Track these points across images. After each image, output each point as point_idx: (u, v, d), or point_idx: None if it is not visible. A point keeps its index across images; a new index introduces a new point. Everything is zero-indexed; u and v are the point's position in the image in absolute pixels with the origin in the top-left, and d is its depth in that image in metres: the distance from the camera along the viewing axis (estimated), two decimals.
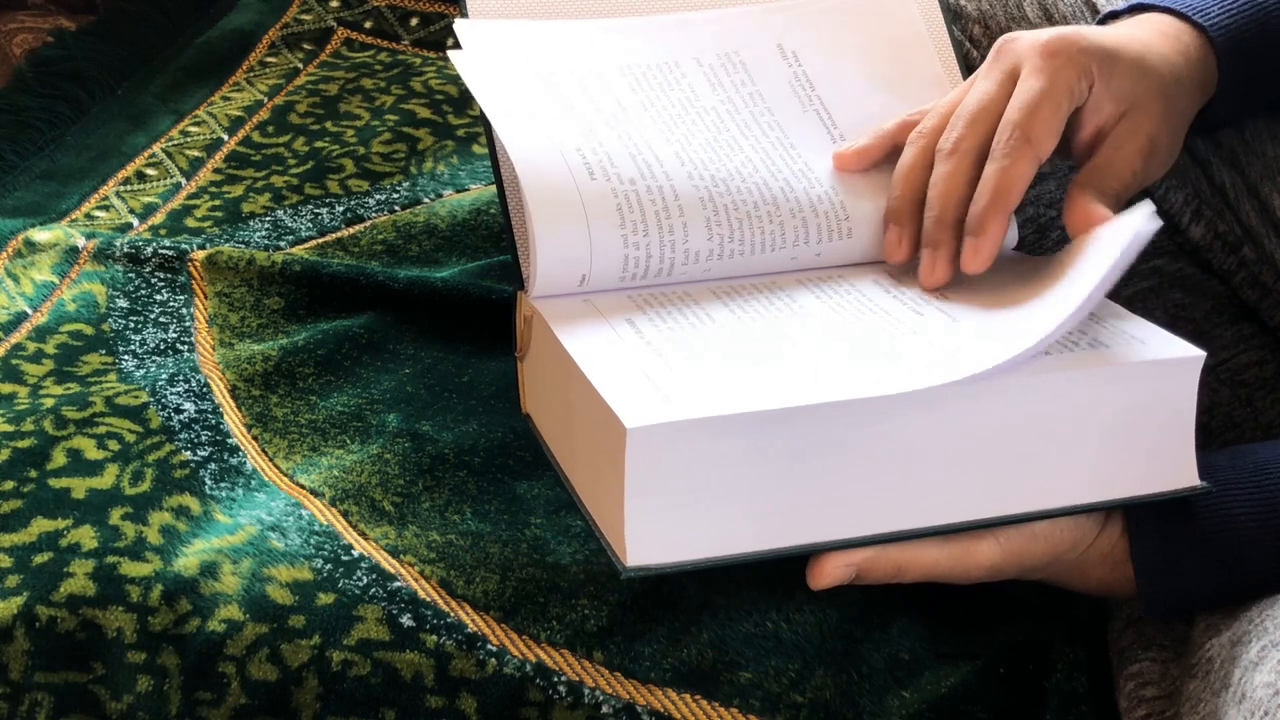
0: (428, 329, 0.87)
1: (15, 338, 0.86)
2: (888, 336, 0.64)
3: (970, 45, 0.84)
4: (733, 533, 0.60)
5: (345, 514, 0.73)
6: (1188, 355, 0.63)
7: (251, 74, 1.19)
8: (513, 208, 0.71)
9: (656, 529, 0.59)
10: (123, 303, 0.89)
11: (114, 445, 0.77)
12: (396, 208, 1.00)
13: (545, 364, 0.69)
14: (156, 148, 1.08)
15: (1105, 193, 0.67)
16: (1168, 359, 0.63)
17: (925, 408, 0.60)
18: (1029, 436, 0.62)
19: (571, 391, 0.64)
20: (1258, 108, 0.75)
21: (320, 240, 0.96)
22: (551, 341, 0.66)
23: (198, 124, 1.11)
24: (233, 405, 0.81)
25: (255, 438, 0.79)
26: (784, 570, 0.65)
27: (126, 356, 0.85)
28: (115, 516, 0.72)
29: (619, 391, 0.59)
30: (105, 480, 0.74)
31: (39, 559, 0.70)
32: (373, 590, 0.69)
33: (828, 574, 0.61)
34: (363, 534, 0.72)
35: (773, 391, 0.59)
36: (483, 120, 0.72)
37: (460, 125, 1.11)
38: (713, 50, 0.77)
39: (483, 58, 0.73)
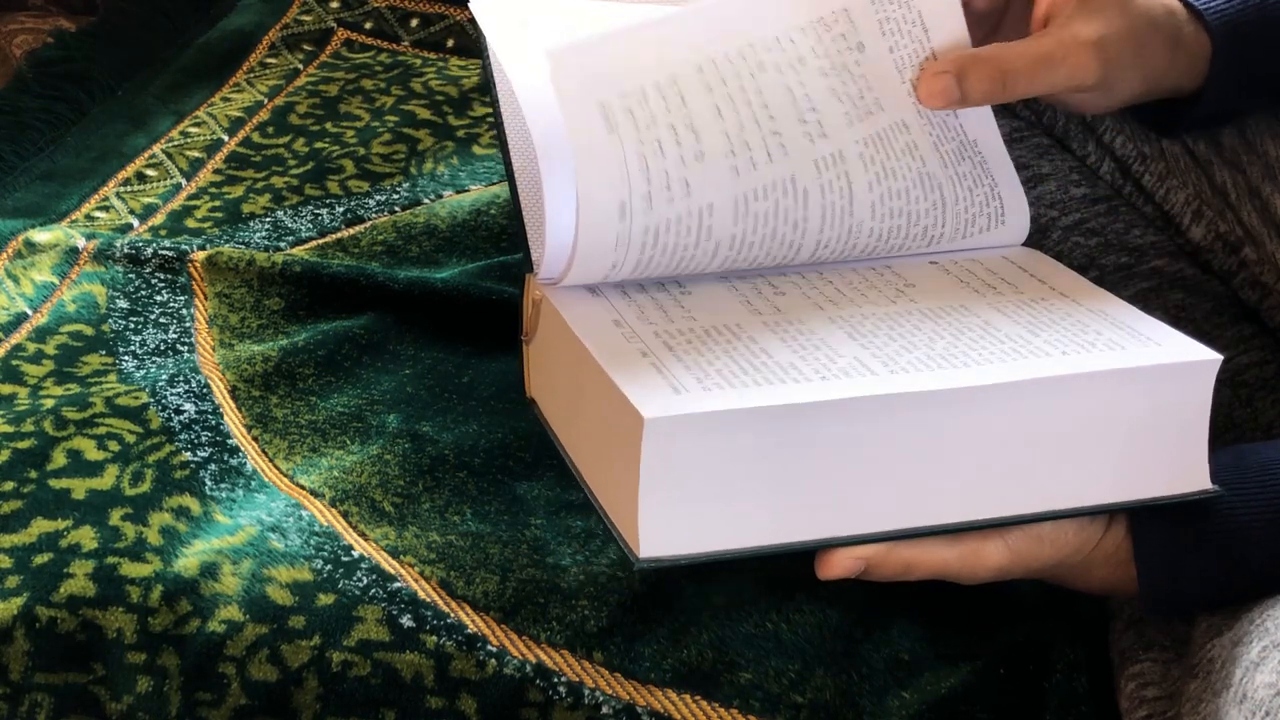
0: (428, 330, 0.87)
1: (15, 338, 0.86)
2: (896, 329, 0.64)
3: None
4: (746, 526, 0.59)
5: (345, 515, 0.73)
6: (1204, 358, 0.62)
7: (252, 75, 1.19)
8: (521, 182, 0.70)
9: (670, 521, 0.58)
10: (123, 303, 0.89)
11: (114, 446, 0.77)
12: (396, 208, 1.00)
13: (554, 349, 0.68)
14: (157, 148, 1.08)
15: (1018, 74, 0.66)
16: (1183, 362, 0.62)
17: (940, 406, 0.60)
18: (1042, 437, 0.61)
19: (582, 379, 0.63)
20: (1255, 100, 0.74)
21: (320, 241, 0.96)
22: (561, 326, 0.65)
23: (198, 125, 1.11)
24: (233, 406, 0.81)
25: (255, 438, 0.79)
26: (784, 570, 0.65)
27: (126, 357, 0.85)
28: (115, 517, 0.72)
29: (635, 381, 0.59)
30: (105, 481, 0.74)
31: (39, 560, 0.69)
32: (373, 591, 0.69)
33: (836, 566, 0.61)
34: (363, 535, 0.72)
35: (789, 385, 0.59)
36: (487, 78, 0.69)
37: (460, 126, 1.11)
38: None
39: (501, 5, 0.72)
